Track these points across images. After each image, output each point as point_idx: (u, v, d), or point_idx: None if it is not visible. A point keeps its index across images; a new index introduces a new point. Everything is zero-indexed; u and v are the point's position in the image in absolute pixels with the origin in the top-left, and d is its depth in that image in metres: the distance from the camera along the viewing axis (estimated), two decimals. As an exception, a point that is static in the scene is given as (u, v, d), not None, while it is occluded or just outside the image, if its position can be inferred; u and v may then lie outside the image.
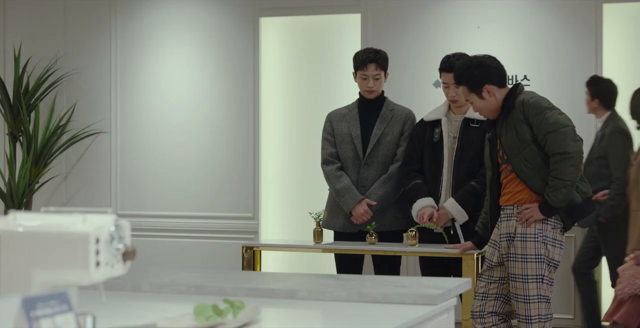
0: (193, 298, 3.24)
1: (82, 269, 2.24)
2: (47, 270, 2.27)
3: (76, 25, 8.63)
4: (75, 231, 2.24)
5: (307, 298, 3.27)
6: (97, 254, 2.25)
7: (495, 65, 5.18)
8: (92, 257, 2.24)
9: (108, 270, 2.29)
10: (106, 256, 2.28)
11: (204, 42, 8.31)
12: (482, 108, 5.17)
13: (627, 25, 7.32)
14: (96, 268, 2.25)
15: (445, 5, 7.71)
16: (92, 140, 8.56)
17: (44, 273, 2.27)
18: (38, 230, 2.27)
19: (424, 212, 5.78)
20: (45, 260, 2.26)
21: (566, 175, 4.95)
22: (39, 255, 2.26)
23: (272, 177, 8.20)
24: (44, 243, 2.26)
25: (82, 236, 2.23)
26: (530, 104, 5.02)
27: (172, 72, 8.37)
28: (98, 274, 2.26)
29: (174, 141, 8.37)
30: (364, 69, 6.08)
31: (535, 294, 5.05)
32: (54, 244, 2.25)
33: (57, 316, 1.98)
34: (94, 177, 8.60)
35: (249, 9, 8.17)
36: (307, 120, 8.05)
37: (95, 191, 8.59)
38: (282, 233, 8.02)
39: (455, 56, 5.86)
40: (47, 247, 2.26)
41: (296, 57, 8.13)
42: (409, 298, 3.17)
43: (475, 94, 5.13)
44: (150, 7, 8.44)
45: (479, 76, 5.11)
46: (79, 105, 8.59)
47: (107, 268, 2.29)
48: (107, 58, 8.54)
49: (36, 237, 2.27)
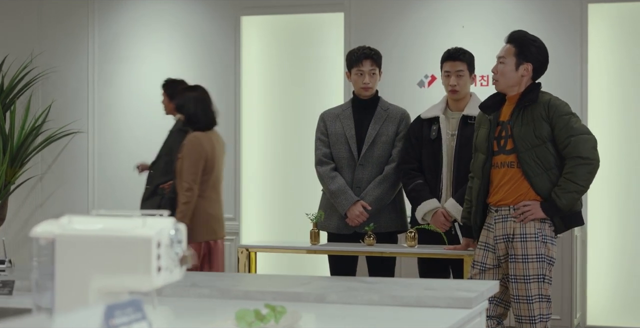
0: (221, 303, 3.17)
1: (143, 275, 2.16)
2: (105, 276, 2.18)
3: (52, 22, 8.49)
4: (137, 235, 2.16)
5: (338, 301, 3.20)
6: (158, 259, 2.17)
7: (547, 63, 5.21)
8: (154, 262, 2.16)
9: (167, 276, 2.22)
10: (166, 261, 2.20)
11: (184, 40, 8.21)
12: (506, 75, 5.14)
13: (612, 25, 7.33)
14: (157, 274, 2.17)
15: (429, 5, 7.67)
16: (69, 140, 8.43)
17: (103, 278, 2.19)
18: (97, 234, 2.19)
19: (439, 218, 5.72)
20: (104, 265, 2.18)
21: (581, 180, 4.95)
22: (98, 260, 2.18)
23: (254, 177, 8.12)
24: (103, 247, 2.18)
25: (144, 240, 2.15)
26: (557, 105, 5.03)
27: (151, 72, 8.25)
28: (159, 280, 2.18)
29: (152, 141, 8.24)
30: (359, 65, 6.04)
31: (537, 294, 5.02)
32: (114, 249, 2.17)
33: (133, 324, 1.90)
34: (71, 178, 8.47)
35: (230, 8, 8.08)
36: (289, 120, 7.98)
37: (72, 192, 8.45)
38: (263, 235, 7.94)
39: (457, 49, 5.91)
40: (107, 251, 2.17)
41: (278, 57, 8.05)
42: (443, 302, 3.12)
43: (516, 59, 5.13)
44: (129, 4, 8.33)
45: (535, 53, 5.15)
46: (56, 105, 8.45)
47: (167, 273, 2.21)
48: (84, 56, 8.41)
49: (95, 241, 2.18)
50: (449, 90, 5.90)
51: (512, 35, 5.26)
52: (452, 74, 5.85)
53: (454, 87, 5.86)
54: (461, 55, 5.91)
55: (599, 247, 7.29)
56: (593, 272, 7.28)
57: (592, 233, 7.27)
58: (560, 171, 5.02)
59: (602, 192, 7.21)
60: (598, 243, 7.29)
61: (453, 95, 5.90)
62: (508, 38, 5.26)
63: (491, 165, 5.15)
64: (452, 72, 5.84)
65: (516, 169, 5.06)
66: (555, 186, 5.00)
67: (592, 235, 7.28)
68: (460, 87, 5.84)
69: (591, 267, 7.27)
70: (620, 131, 7.17)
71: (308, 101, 7.93)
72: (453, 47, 6.01)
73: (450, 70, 5.86)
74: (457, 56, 5.89)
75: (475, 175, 5.26)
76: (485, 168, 5.15)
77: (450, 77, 5.87)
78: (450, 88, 5.88)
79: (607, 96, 7.26)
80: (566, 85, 7.20)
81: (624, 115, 7.22)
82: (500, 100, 5.23)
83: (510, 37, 5.26)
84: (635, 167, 7.15)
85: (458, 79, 5.83)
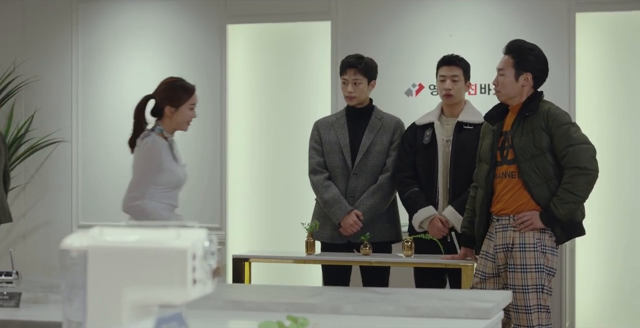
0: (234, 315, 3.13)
1: (178, 287, 2.11)
2: (139, 288, 2.13)
3: (35, 30, 8.41)
4: (172, 247, 2.11)
5: (354, 313, 3.17)
6: (193, 271, 2.12)
7: (548, 71, 5.22)
8: (190, 274, 2.11)
9: (201, 288, 2.17)
10: (201, 273, 2.15)
11: (169, 49, 8.15)
12: (506, 86, 5.15)
13: (600, 34, 7.34)
14: (193, 286, 2.12)
15: (416, 14, 7.65)
16: (53, 149, 8.34)
17: (136, 291, 2.13)
18: (132, 246, 2.14)
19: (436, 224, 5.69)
20: (137, 277, 2.12)
21: (579, 191, 4.95)
22: (131, 272, 2.12)
23: (240, 186, 8.06)
24: (137, 259, 2.12)
25: (180, 252, 2.10)
26: (556, 115, 5.03)
27: (135, 80, 8.18)
28: (194, 292, 2.13)
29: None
30: (344, 73, 6.09)
31: (536, 304, 5.01)
32: (148, 261, 2.12)
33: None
34: (54, 187, 8.38)
35: (216, 16, 8.03)
36: (275, 128, 7.94)
37: (56, 201, 8.37)
38: (251, 244, 7.88)
39: (454, 55, 6.01)
40: (141, 263, 2.12)
41: (265, 66, 8.01)
42: (461, 312, 3.09)
43: (515, 71, 5.12)
44: (114, 12, 8.26)
45: (534, 61, 5.15)
46: (39, 114, 8.36)
47: (201, 285, 2.16)
48: (68, 65, 8.33)
49: (129, 253, 2.13)
50: (443, 94, 5.91)
51: (509, 46, 5.26)
52: (447, 79, 5.87)
53: (449, 91, 5.87)
54: (457, 61, 5.94)
55: (587, 255, 7.29)
56: (582, 280, 7.27)
57: (580, 242, 7.26)
58: (560, 181, 5.01)
59: (590, 199, 7.16)
60: (587, 252, 7.29)
61: (447, 100, 5.90)
62: (506, 49, 5.25)
63: (494, 175, 5.14)
64: (448, 77, 5.87)
65: (517, 179, 5.06)
66: (554, 196, 5.00)
67: (581, 244, 7.27)
68: (454, 92, 5.85)
69: (580, 276, 7.27)
70: (609, 139, 7.17)
71: (295, 110, 7.89)
72: (449, 53, 6.03)
73: (445, 74, 5.89)
74: (453, 61, 5.92)
75: (479, 185, 5.25)
76: (489, 178, 5.15)
77: (445, 82, 5.89)
78: (445, 92, 5.89)
79: (595, 104, 7.27)
80: (554, 93, 7.17)
81: (612, 123, 7.23)
82: (504, 111, 5.23)
83: (507, 48, 5.25)
84: (623, 175, 7.16)
85: (453, 83, 5.86)
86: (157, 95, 5.25)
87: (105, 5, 8.28)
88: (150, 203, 5.08)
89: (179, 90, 5.23)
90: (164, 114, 5.21)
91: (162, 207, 5.11)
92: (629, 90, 7.24)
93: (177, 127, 5.26)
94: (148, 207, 5.05)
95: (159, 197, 5.12)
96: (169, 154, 5.18)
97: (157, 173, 5.10)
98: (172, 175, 5.14)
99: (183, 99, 5.20)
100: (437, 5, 7.60)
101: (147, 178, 5.08)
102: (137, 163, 5.16)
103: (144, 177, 5.09)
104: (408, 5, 7.65)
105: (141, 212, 5.04)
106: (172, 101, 5.19)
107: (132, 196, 5.09)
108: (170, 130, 5.25)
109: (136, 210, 5.05)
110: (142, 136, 5.18)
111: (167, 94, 5.22)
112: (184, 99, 5.20)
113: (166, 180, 5.13)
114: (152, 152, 5.10)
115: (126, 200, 5.10)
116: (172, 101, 5.19)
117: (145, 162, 5.11)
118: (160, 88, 5.28)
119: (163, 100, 5.21)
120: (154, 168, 5.09)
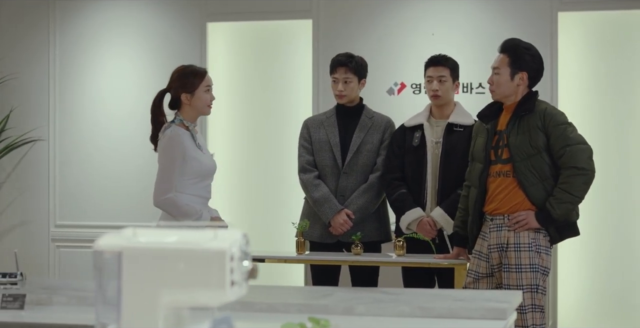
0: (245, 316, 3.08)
1: (216, 289, 2.07)
2: (175, 290, 2.09)
3: (12, 28, 8.29)
4: (210, 248, 2.07)
5: (367, 313, 3.13)
6: (231, 272, 2.08)
7: (543, 70, 5.23)
8: (228, 276, 2.07)
9: (237, 290, 2.12)
10: (237, 275, 2.11)
11: (148, 47, 8.06)
12: (502, 85, 5.13)
13: (582, 33, 7.35)
14: (230, 288, 2.08)
15: (398, 12, 7.62)
16: (29, 148, 8.23)
17: (172, 293, 2.09)
18: (168, 247, 2.09)
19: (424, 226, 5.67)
20: (174, 279, 2.08)
21: (576, 191, 4.94)
22: (168, 274, 2.08)
23: (220, 187, 7.99)
24: (174, 261, 2.08)
25: (219, 253, 2.06)
26: (553, 115, 5.03)
27: (114, 78, 8.09)
28: (231, 294, 2.09)
29: (115, 149, 8.10)
30: (334, 72, 6.06)
31: (530, 304, 5.00)
32: (185, 262, 2.07)
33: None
34: (31, 187, 8.27)
35: (196, 14, 7.96)
36: (256, 127, 7.88)
37: (32, 201, 8.26)
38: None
39: (441, 55, 5.98)
40: (178, 265, 2.07)
41: (245, 64, 7.94)
42: (476, 313, 3.06)
43: (510, 69, 5.10)
44: (92, 9, 8.16)
45: (530, 61, 5.14)
46: (16, 112, 8.25)
47: (237, 287, 2.12)
48: (45, 63, 8.22)
49: (165, 254, 2.08)
50: (431, 95, 5.88)
51: (505, 45, 5.24)
52: (434, 79, 5.84)
53: (436, 92, 5.85)
54: (444, 61, 5.91)
55: (569, 255, 7.30)
56: (564, 279, 7.28)
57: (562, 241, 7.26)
58: (556, 181, 5.00)
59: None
60: (569, 251, 7.29)
61: (435, 101, 5.88)
62: (501, 47, 5.23)
63: (488, 174, 5.12)
64: (435, 77, 5.84)
65: (512, 179, 5.04)
66: (550, 196, 4.99)
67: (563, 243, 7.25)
68: (442, 93, 5.83)
69: (562, 276, 7.27)
70: (592, 139, 7.12)
71: (276, 108, 7.83)
72: (437, 53, 6.01)
73: (432, 75, 5.86)
74: (439, 61, 5.89)
75: (472, 184, 5.22)
76: (482, 177, 5.13)
77: (432, 83, 5.86)
78: (432, 93, 5.87)
79: (577, 104, 7.27)
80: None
81: (594, 123, 7.24)
82: (497, 109, 5.21)
83: (503, 47, 5.23)
84: (608, 174, 7.16)
85: (440, 84, 5.83)
86: (171, 86, 5.20)
87: (84, 2, 8.18)
88: (182, 196, 5.00)
89: (190, 76, 5.17)
90: (182, 102, 5.16)
91: (194, 201, 5.03)
92: (612, 89, 7.25)
93: (199, 112, 5.21)
94: (180, 200, 4.97)
95: (190, 190, 5.03)
96: (192, 142, 5.10)
97: (183, 163, 5.02)
98: (198, 163, 5.06)
99: (196, 83, 5.14)
100: (419, 3, 7.58)
101: (174, 169, 4.99)
102: (161, 155, 5.08)
103: (170, 168, 5.00)
104: (390, 3, 7.62)
105: (173, 206, 4.96)
106: (186, 88, 5.14)
107: (161, 188, 4.99)
108: (192, 118, 5.19)
109: (168, 203, 4.96)
110: (163, 129, 5.11)
111: (179, 82, 5.16)
112: (197, 83, 5.15)
113: (193, 169, 5.04)
114: (173, 142, 5.02)
115: (156, 193, 5.00)
116: (186, 88, 5.14)
117: (168, 153, 5.02)
118: (171, 78, 5.23)
119: (177, 89, 5.16)
120: (179, 157, 5.00)
